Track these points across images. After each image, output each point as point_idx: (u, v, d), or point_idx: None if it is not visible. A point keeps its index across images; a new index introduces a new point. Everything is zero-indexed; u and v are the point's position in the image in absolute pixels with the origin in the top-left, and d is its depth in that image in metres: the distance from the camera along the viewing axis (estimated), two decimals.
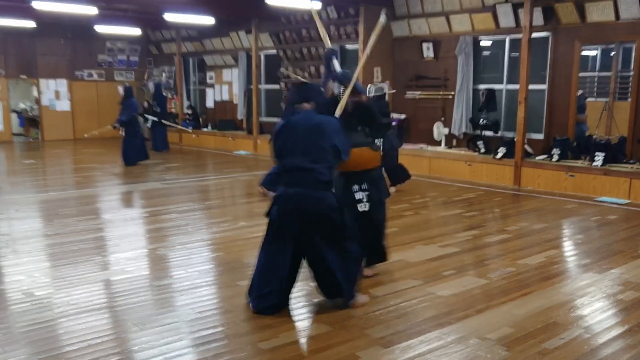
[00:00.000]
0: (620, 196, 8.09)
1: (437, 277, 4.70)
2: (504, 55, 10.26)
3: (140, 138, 11.80)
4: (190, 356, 3.31)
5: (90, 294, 4.28)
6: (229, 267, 4.96)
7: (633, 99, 8.64)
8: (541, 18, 9.21)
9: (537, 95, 9.58)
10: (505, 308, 4.04)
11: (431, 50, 11.01)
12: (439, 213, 7.39)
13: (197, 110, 16.79)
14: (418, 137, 11.40)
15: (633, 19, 8.37)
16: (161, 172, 10.84)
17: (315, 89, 4.14)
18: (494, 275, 4.78)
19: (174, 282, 4.60)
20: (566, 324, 3.77)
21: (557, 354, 3.34)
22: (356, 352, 3.33)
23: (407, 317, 3.85)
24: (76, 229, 6.33)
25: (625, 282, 4.61)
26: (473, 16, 10.18)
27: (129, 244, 5.72)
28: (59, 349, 3.36)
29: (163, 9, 12.09)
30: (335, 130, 3.84)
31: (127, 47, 17.97)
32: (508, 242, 5.87)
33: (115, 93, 17.64)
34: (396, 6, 11.40)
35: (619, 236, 6.17)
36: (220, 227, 6.45)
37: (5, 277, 4.67)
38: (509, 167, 9.36)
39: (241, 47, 14.88)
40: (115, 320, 3.81)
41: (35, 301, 4.12)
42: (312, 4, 4.40)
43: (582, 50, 9.36)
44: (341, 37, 12.29)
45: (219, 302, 4.20)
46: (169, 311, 3.96)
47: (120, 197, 8.32)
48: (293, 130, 3.86)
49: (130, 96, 11.53)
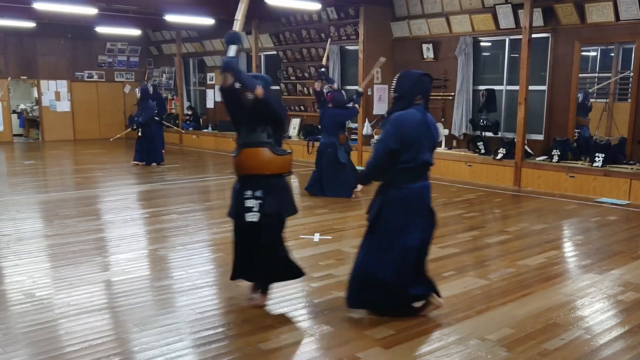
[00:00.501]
0: (620, 197, 8.10)
1: (437, 278, 4.67)
2: (504, 56, 10.26)
3: (158, 139, 11.78)
4: (190, 357, 3.31)
5: (91, 295, 4.29)
6: (229, 268, 4.91)
7: (633, 100, 8.65)
8: (541, 19, 9.21)
9: (537, 96, 9.58)
10: (506, 309, 4.04)
11: (431, 51, 11.02)
12: (439, 214, 7.32)
13: (198, 111, 16.80)
14: None
15: (633, 19, 8.37)
16: (162, 172, 10.85)
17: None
18: (494, 276, 4.78)
19: (174, 282, 4.60)
20: (566, 324, 3.77)
21: (558, 354, 3.34)
22: (356, 353, 3.33)
23: (407, 318, 3.85)
24: (77, 229, 6.34)
25: (626, 283, 4.61)
26: (473, 17, 10.18)
27: (129, 245, 5.72)
28: (59, 350, 3.36)
29: (163, 9, 12.11)
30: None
31: (127, 47, 17.98)
32: (508, 242, 5.87)
33: (116, 93, 17.84)
34: (396, 7, 11.41)
35: (619, 237, 6.17)
36: (220, 227, 6.45)
37: (5, 278, 4.67)
38: (509, 167, 9.36)
39: (241, 48, 14.89)
40: (115, 321, 3.82)
41: (36, 302, 4.12)
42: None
43: (582, 51, 9.37)
44: (341, 38, 12.29)
45: (219, 302, 4.20)
46: (169, 312, 3.96)
47: (121, 197, 8.32)
48: (425, 125, 3.75)
49: (147, 97, 11.50)
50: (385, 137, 3.67)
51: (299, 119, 13.70)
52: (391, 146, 3.63)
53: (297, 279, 4.25)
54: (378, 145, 3.72)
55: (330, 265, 5.02)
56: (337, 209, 7.47)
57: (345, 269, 4.91)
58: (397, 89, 3.78)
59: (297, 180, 10.37)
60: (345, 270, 4.86)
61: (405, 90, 3.76)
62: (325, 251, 5.47)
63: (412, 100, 3.76)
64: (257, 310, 4.02)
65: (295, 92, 13.69)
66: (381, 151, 3.68)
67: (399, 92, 3.78)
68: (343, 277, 4.69)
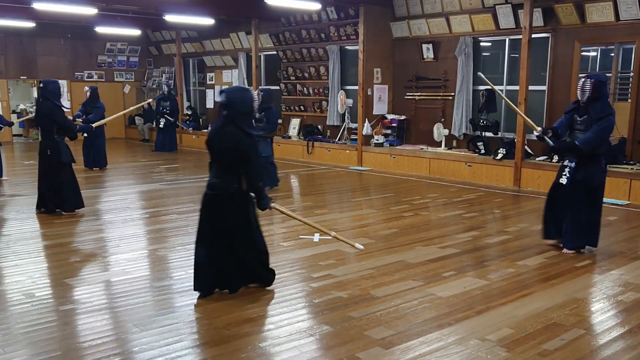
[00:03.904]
0: (620, 197, 8.10)
1: (437, 278, 4.70)
2: (503, 56, 10.26)
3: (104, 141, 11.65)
4: (190, 357, 3.31)
5: (91, 295, 4.29)
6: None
7: (633, 100, 8.65)
8: (541, 19, 9.22)
9: (537, 96, 9.58)
10: (506, 309, 4.04)
11: (431, 51, 11.02)
12: (439, 214, 7.39)
13: (197, 111, 16.80)
14: (418, 138, 11.41)
15: (633, 19, 8.37)
16: (161, 173, 10.85)
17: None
18: (494, 276, 4.78)
19: (174, 283, 4.60)
20: (566, 324, 3.77)
21: (558, 355, 3.34)
22: (356, 354, 3.33)
23: (407, 318, 3.85)
24: (77, 229, 6.34)
25: (626, 283, 4.61)
26: (473, 17, 10.18)
27: (129, 245, 5.72)
28: (59, 350, 3.36)
29: (163, 9, 12.11)
30: None
31: (127, 48, 17.98)
32: (508, 243, 5.87)
33: (116, 93, 17.82)
34: (396, 7, 11.41)
35: (619, 237, 6.17)
36: None
37: (5, 278, 4.67)
38: (509, 168, 9.36)
39: (241, 48, 14.89)
40: (115, 321, 3.81)
41: (36, 302, 4.12)
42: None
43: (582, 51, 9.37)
44: (341, 38, 12.30)
45: (219, 302, 4.19)
46: (169, 312, 3.96)
47: (121, 197, 8.32)
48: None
49: (97, 97, 11.22)
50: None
51: (299, 119, 13.70)
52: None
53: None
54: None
55: (330, 265, 5.02)
56: (337, 209, 7.47)
57: (345, 269, 4.92)
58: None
59: (297, 180, 10.37)
60: (345, 270, 4.87)
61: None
62: (325, 251, 5.47)
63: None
64: (257, 310, 4.02)
65: (295, 92, 13.69)
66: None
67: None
68: (343, 277, 4.70)
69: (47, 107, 6.77)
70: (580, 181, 5.25)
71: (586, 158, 5.21)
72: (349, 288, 4.44)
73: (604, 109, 5.12)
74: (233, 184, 4.10)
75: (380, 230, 6.37)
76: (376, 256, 5.33)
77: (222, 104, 4.06)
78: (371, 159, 11.47)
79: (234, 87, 4.26)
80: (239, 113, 4.05)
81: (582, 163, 5.24)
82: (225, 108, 4.03)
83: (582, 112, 5.27)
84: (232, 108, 4.02)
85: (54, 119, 6.78)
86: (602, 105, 5.15)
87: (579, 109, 5.33)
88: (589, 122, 5.19)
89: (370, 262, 5.14)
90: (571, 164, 5.32)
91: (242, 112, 4.07)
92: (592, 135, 5.12)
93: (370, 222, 6.86)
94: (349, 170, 11.30)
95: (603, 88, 5.16)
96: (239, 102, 4.05)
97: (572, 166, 5.30)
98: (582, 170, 5.24)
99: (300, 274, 4.82)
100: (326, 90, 12.82)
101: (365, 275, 4.74)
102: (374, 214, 7.29)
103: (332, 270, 4.87)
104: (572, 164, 5.31)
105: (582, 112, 5.28)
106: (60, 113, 6.90)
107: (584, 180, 5.24)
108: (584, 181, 5.24)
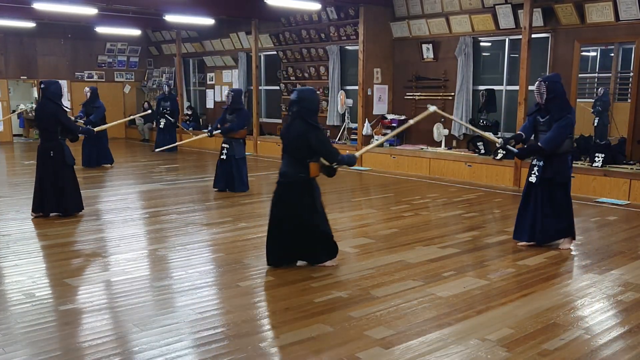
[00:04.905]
0: (620, 197, 8.10)
1: (437, 278, 4.70)
2: (503, 56, 10.27)
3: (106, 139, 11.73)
4: (190, 357, 3.31)
5: (91, 295, 4.29)
6: (229, 268, 4.96)
7: (633, 100, 8.65)
8: (541, 19, 9.22)
9: None
10: (505, 309, 4.04)
11: (431, 51, 11.03)
12: (439, 214, 7.39)
13: (197, 111, 16.80)
14: (418, 138, 11.41)
15: (633, 19, 8.38)
16: (161, 173, 10.85)
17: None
18: (493, 276, 4.78)
19: (174, 283, 4.60)
20: (566, 324, 3.77)
21: (557, 354, 3.34)
22: (356, 353, 3.33)
23: (407, 318, 3.86)
24: (77, 229, 6.34)
25: (625, 283, 4.62)
26: (473, 17, 10.19)
27: (129, 245, 5.72)
28: (59, 350, 3.36)
29: (163, 9, 12.11)
30: None
31: (127, 48, 17.98)
32: (508, 243, 5.87)
33: (116, 93, 17.82)
34: (396, 7, 11.41)
35: (618, 237, 6.17)
36: (220, 228, 6.45)
37: (5, 278, 4.67)
38: (509, 168, 9.36)
39: (241, 48, 14.89)
40: (115, 321, 3.82)
41: (36, 302, 4.12)
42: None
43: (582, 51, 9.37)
44: (341, 38, 12.30)
45: (219, 303, 4.20)
46: (169, 312, 3.96)
47: (121, 197, 8.32)
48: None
49: (97, 97, 11.35)
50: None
51: None
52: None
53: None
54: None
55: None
56: (337, 209, 7.47)
57: (345, 269, 4.93)
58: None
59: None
60: (345, 270, 4.88)
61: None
62: None
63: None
64: (257, 310, 4.02)
65: None
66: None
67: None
68: (343, 277, 4.71)
69: (50, 108, 6.72)
70: (549, 178, 5.45)
71: (552, 156, 5.40)
72: (349, 288, 4.44)
73: (563, 109, 5.33)
74: (300, 173, 4.75)
75: (380, 230, 6.38)
76: (376, 256, 5.33)
77: (293, 101, 4.75)
78: (371, 159, 11.48)
79: (305, 87, 4.97)
80: (307, 110, 4.73)
81: (548, 161, 5.43)
82: (296, 105, 4.73)
83: (544, 113, 5.47)
84: (301, 105, 4.71)
85: (59, 120, 6.74)
86: (561, 104, 5.34)
87: (540, 111, 5.52)
88: (551, 121, 5.38)
89: (370, 262, 5.14)
90: (539, 162, 5.50)
91: (309, 109, 4.74)
92: (553, 135, 5.32)
93: (370, 222, 6.87)
94: (349, 170, 11.30)
95: (557, 87, 5.34)
96: (308, 100, 4.74)
97: (541, 165, 5.48)
98: (549, 168, 5.43)
99: (301, 273, 4.82)
100: (326, 91, 12.82)
101: (365, 275, 4.75)
102: (374, 214, 7.29)
103: (332, 270, 4.87)
104: (540, 163, 5.50)
105: (543, 112, 5.48)
106: (64, 114, 6.88)
107: (553, 177, 5.44)
108: (552, 178, 5.44)
